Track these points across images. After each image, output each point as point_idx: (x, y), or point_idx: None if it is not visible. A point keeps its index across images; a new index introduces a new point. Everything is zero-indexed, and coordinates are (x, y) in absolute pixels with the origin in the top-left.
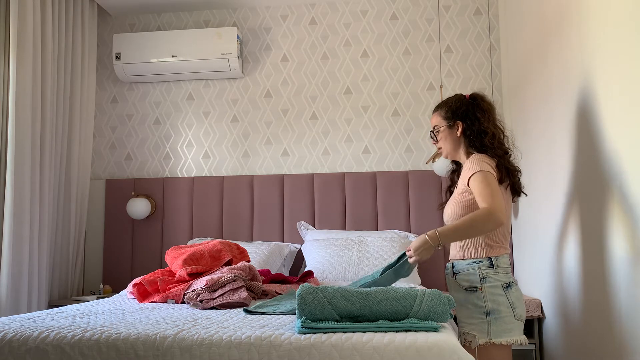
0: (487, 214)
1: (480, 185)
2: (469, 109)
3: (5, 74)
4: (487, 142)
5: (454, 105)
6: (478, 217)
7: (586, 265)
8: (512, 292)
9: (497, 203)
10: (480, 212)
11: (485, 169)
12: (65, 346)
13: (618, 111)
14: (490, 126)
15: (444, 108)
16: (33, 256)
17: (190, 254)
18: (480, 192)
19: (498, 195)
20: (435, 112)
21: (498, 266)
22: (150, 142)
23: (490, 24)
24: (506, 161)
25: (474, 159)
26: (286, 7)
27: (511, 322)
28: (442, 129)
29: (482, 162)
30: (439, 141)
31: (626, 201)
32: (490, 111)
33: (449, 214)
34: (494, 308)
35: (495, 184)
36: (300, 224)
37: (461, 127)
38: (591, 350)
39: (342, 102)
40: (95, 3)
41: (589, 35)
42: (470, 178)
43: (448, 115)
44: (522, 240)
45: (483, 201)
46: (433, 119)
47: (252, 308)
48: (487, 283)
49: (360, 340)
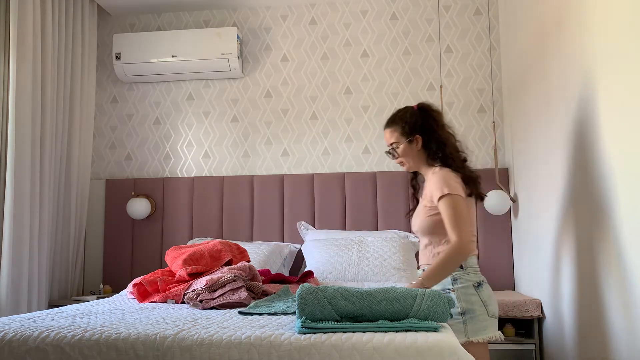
0: (458, 250)
1: (449, 212)
2: (424, 121)
3: (5, 74)
4: (447, 152)
5: (410, 119)
6: (452, 255)
7: (586, 265)
8: (483, 291)
9: (465, 233)
10: (451, 250)
11: (453, 191)
12: (65, 346)
13: (618, 111)
14: (445, 134)
15: (400, 124)
16: (33, 256)
17: (190, 254)
18: (449, 219)
19: (465, 221)
20: (389, 128)
21: (467, 267)
22: (150, 142)
23: (490, 24)
24: (467, 170)
25: (440, 176)
26: (286, 7)
27: (485, 320)
28: (403, 145)
29: (450, 181)
30: (400, 157)
31: (626, 200)
32: (440, 119)
33: (417, 225)
34: (468, 308)
35: (463, 208)
36: (300, 224)
37: (421, 141)
38: (591, 350)
39: (342, 102)
40: (95, 3)
41: (588, 34)
42: (440, 200)
43: (406, 130)
44: (522, 241)
45: (452, 230)
46: (388, 135)
47: (246, 309)
48: (459, 284)
49: (360, 340)
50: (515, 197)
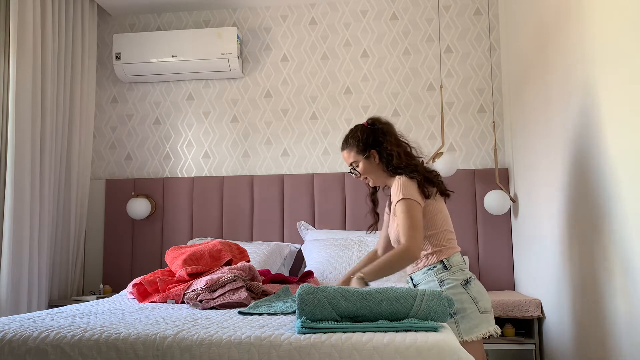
0: (405, 254)
1: (401, 216)
2: (374, 135)
3: (5, 74)
4: (395, 163)
5: (362, 136)
6: (398, 257)
7: (586, 265)
8: (472, 287)
9: (414, 238)
10: (396, 253)
11: (408, 195)
12: (65, 346)
13: (619, 110)
14: (394, 147)
15: (354, 143)
16: (33, 256)
17: (190, 254)
18: (402, 223)
19: (416, 227)
20: (346, 149)
21: (452, 266)
22: (150, 142)
23: (490, 24)
24: (423, 171)
25: (397, 183)
26: (286, 7)
27: (477, 317)
28: (361, 162)
29: (405, 187)
30: (362, 174)
31: (626, 200)
32: (389, 132)
33: (394, 236)
34: (459, 307)
35: (416, 212)
36: (300, 224)
37: (377, 155)
38: (591, 350)
39: (342, 102)
40: (95, 3)
41: (588, 34)
42: (397, 204)
43: (361, 148)
44: (522, 241)
45: (402, 234)
46: (346, 156)
47: (246, 309)
48: (447, 285)
49: (360, 340)
50: (515, 197)
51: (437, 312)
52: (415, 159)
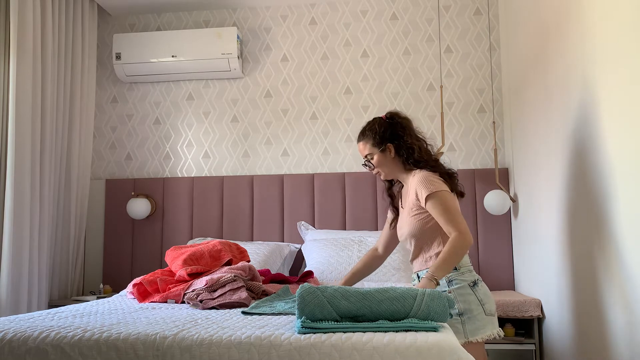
0: (460, 242)
1: (440, 208)
2: (393, 129)
3: (5, 74)
4: (416, 157)
5: (379, 129)
6: (457, 245)
7: (586, 265)
8: (479, 289)
9: (463, 224)
10: (453, 244)
11: (438, 188)
12: (65, 346)
13: (618, 111)
14: (414, 140)
15: (370, 135)
16: (33, 256)
17: (190, 254)
18: (442, 215)
19: (459, 214)
20: (362, 141)
21: (461, 267)
22: (150, 142)
23: (490, 24)
24: (443, 168)
25: (421, 178)
26: (286, 7)
27: (483, 319)
28: (376, 155)
29: (432, 180)
30: (376, 167)
31: (626, 200)
32: (408, 126)
33: (407, 231)
34: (466, 308)
35: (452, 202)
36: (300, 224)
37: (393, 149)
38: (591, 350)
39: (342, 102)
40: (95, 3)
41: (589, 34)
42: (427, 201)
43: (377, 141)
44: (522, 241)
45: (448, 225)
46: (362, 148)
47: (248, 309)
48: (455, 285)
49: (360, 340)
50: (515, 197)
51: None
52: (433, 155)
